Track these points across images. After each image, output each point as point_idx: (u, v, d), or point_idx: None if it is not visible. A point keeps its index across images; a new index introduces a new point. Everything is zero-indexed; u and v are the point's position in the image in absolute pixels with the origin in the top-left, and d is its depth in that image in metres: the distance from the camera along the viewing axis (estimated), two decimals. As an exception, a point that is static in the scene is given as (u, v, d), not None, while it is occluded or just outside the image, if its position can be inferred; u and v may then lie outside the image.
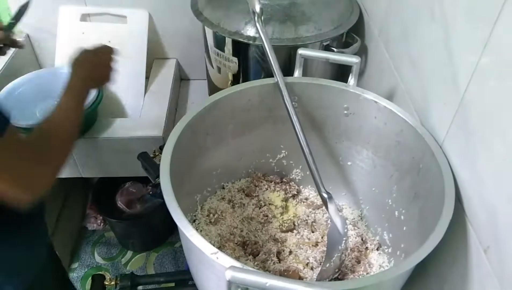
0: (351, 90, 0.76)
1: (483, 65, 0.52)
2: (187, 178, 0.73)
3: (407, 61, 0.77)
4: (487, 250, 0.52)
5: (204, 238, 0.51)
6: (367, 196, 0.84)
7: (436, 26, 0.64)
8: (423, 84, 0.70)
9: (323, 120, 0.82)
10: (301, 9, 0.94)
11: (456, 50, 0.59)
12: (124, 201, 1.56)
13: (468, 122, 0.56)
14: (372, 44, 0.97)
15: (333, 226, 0.70)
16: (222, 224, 0.80)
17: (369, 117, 0.75)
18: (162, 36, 1.41)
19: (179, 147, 0.65)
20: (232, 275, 0.43)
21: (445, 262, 0.62)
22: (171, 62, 1.46)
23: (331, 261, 0.70)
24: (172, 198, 0.56)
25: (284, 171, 0.92)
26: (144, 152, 1.00)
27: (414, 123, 0.68)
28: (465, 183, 0.57)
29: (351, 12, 1.00)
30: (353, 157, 0.83)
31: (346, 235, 0.71)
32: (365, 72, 1.00)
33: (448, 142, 0.62)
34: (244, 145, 0.84)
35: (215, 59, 1.03)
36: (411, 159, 0.69)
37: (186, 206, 0.77)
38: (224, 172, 0.85)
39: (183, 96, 1.47)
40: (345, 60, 0.78)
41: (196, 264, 0.60)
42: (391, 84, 0.83)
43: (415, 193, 0.68)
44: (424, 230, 0.60)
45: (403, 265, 0.50)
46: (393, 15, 0.84)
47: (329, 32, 0.94)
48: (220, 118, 0.76)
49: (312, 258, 0.77)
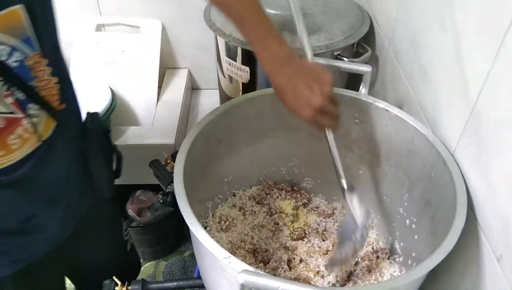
0: (362, 99, 0.76)
1: (494, 74, 0.53)
2: (199, 185, 0.74)
3: (417, 71, 0.77)
4: (500, 259, 0.52)
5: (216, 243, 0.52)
6: (378, 204, 0.84)
7: (447, 36, 0.65)
8: (434, 93, 0.70)
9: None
10: (312, 19, 0.96)
11: (467, 60, 0.59)
12: (134, 209, 1.56)
13: (479, 130, 0.56)
14: (383, 54, 0.97)
15: (350, 215, 0.69)
16: (233, 231, 0.81)
17: (380, 126, 0.76)
18: (174, 46, 1.43)
19: (192, 154, 0.66)
20: (245, 278, 0.44)
21: (457, 270, 0.61)
22: (183, 72, 1.48)
23: (341, 250, 0.68)
24: (185, 203, 0.56)
25: (295, 179, 0.92)
26: (156, 160, 1.01)
27: (425, 132, 0.68)
28: (477, 192, 0.57)
29: (362, 23, 1.01)
30: (364, 166, 0.83)
31: (365, 227, 0.68)
32: (375, 82, 1.01)
33: (460, 151, 0.62)
34: (256, 153, 0.85)
35: (227, 68, 1.05)
36: (423, 167, 0.69)
37: (198, 213, 0.77)
38: (236, 180, 0.86)
39: (195, 106, 1.49)
40: (356, 69, 0.78)
41: (208, 269, 0.61)
42: (401, 93, 0.84)
43: (427, 201, 0.68)
44: (435, 238, 0.60)
45: (415, 272, 0.50)
46: (403, 26, 0.85)
47: (339, 42, 0.95)
48: (232, 126, 0.77)
49: (323, 267, 0.77)
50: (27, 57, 0.52)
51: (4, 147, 0.54)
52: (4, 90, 0.51)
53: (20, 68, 0.51)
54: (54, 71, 0.57)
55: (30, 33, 0.52)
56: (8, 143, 0.54)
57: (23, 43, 0.51)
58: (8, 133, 0.53)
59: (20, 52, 0.51)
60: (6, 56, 0.50)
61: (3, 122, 0.52)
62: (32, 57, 0.53)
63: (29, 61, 0.53)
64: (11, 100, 0.52)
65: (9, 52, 0.50)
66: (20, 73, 0.52)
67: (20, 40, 0.51)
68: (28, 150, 0.57)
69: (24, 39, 0.51)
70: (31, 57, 0.53)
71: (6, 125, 0.53)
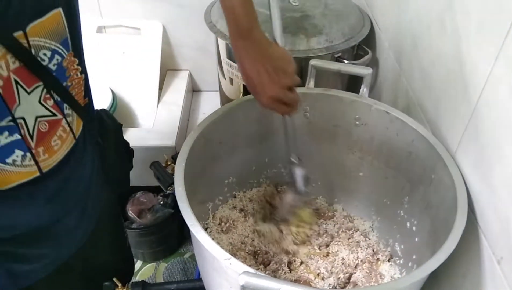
0: (363, 101, 0.76)
1: (495, 76, 0.53)
2: (200, 186, 0.74)
3: (418, 73, 0.77)
4: (500, 261, 0.52)
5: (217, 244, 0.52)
6: (378, 207, 0.84)
7: (448, 38, 0.65)
8: (435, 95, 0.70)
9: (334, 131, 0.82)
10: (313, 21, 0.96)
11: (468, 62, 0.60)
12: (134, 211, 1.56)
13: (480, 132, 0.56)
14: (383, 56, 0.97)
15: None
16: (233, 233, 0.81)
17: (381, 128, 0.76)
18: (175, 48, 1.44)
19: (193, 155, 0.66)
20: (246, 280, 0.44)
21: (458, 273, 0.61)
22: (184, 73, 1.48)
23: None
24: (186, 205, 0.56)
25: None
26: (157, 161, 1.01)
27: (426, 134, 0.68)
28: (478, 194, 0.58)
29: (362, 25, 1.02)
30: (364, 168, 0.83)
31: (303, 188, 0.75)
32: (376, 84, 1.01)
33: (461, 153, 0.62)
34: (256, 154, 0.85)
35: (227, 70, 1.05)
36: (423, 169, 0.69)
37: (198, 215, 0.77)
38: (236, 181, 0.86)
39: (195, 107, 1.49)
40: (356, 71, 0.79)
41: (209, 271, 0.61)
42: (402, 95, 0.84)
43: (427, 204, 0.68)
44: (436, 241, 0.60)
45: (416, 274, 0.50)
46: (403, 28, 0.85)
47: (340, 44, 0.95)
48: (233, 128, 0.77)
49: (323, 269, 0.77)
50: (64, 58, 0.53)
51: (48, 149, 0.54)
52: (45, 94, 0.51)
53: (58, 71, 0.52)
54: (82, 69, 0.58)
55: (67, 33, 0.52)
56: (52, 145, 0.54)
57: (62, 45, 0.51)
58: (51, 135, 0.54)
59: (59, 54, 0.51)
60: (48, 60, 0.50)
61: (46, 126, 0.53)
62: (67, 58, 0.53)
63: (65, 62, 0.53)
64: (52, 103, 0.53)
65: (50, 56, 0.50)
66: (58, 75, 0.52)
67: (59, 42, 0.51)
68: (67, 150, 0.58)
69: (62, 41, 0.51)
70: (67, 58, 0.53)
71: (49, 128, 0.53)
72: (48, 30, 0.48)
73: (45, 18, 0.47)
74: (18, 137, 0.50)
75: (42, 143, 0.53)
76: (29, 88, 0.49)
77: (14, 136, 0.50)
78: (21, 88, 0.48)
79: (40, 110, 0.51)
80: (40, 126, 0.52)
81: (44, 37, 0.48)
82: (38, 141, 0.53)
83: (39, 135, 0.52)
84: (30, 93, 0.49)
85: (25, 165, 0.52)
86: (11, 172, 0.51)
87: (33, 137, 0.52)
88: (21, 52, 0.46)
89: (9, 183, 0.52)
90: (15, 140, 0.50)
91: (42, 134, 0.53)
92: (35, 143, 0.52)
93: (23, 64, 0.47)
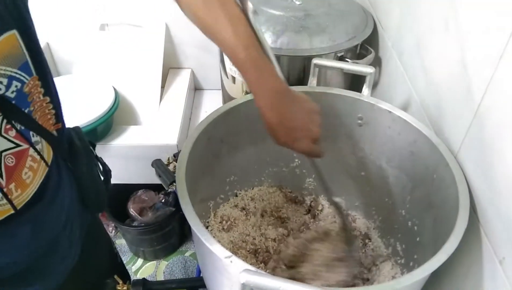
0: (365, 100, 0.76)
1: (498, 76, 0.53)
2: (201, 184, 0.74)
3: (420, 72, 0.77)
4: (502, 261, 0.52)
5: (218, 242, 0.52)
6: (380, 206, 0.84)
7: (451, 38, 0.65)
8: (437, 95, 0.70)
9: (337, 130, 0.82)
10: (316, 20, 0.96)
11: (471, 62, 0.59)
12: (136, 209, 1.56)
13: (483, 132, 0.56)
14: (386, 56, 0.97)
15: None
16: (234, 231, 0.81)
17: (383, 127, 0.76)
18: (178, 46, 1.44)
19: (194, 154, 0.66)
20: (247, 278, 0.44)
21: (459, 273, 0.61)
22: (186, 72, 1.48)
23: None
24: (187, 202, 0.56)
25: (297, 180, 0.92)
26: (158, 159, 1.01)
27: (429, 133, 0.68)
28: (480, 194, 0.57)
29: (366, 25, 1.01)
30: (366, 167, 0.83)
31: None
32: (379, 83, 1.01)
33: (463, 153, 0.62)
34: (258, 153, 0.85)
35: (230, 69, 1.05)
36: (425, 169, 0.69)
37: (199, 213, 0.77)
38: (238, 180, 0.86)
39: (197, 106, 1.49)
40: (359, 70, 0.78)
41: (210, 269, 0.61)
42: (405, 95, 0.84)
43: (429, 203, 0.68)
44: (437, 241, 0.60)
45: (417, 274, 0.50)
46: (406, 28, 0.85)
47: (343, 44, 0.95)
48: (235, 126, 0.77)
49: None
50: (25, 84, 0.47)
51: (20, 184, 0.50)
52: (5, 125, 0.46)
53: (18, 98, 0.47)
54: (46, 91, 0.52)
55: (27, 57, 0.47)
56: (23, 179, 0.50)
57: (21, 70, 0.46)
58: (20, 168, 0.49)
59: (18, 80, 0.46)
60: (4, 89, 0.44)
61: (12, 159, 0.48)
62: (29, 83, 0.48)
63: (26, 88, 0.48)
64: (14, 133, 0.48)
65: (7, 83, 0.45)
66: (18, 102, 0.47)
67: (18, 67, 0.46)
68: (40, 179, 0.53)
69: (21, 66, 0.46)
70: (28, 83, 0.48)
71: (16, 161, 0.49)
72: (2, 56, 0.43)
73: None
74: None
75: (13, 179, 0.49)
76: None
77: None
78: None
79: (3, 143, 0.46)
80: (6, 161, 0.47)
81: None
82: (8, 178, 0.48)
83: (7, 171, 0.48)
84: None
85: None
86: None
87: (1, 174, 0.47)
88: None
89: None
90: None
91: (10, 169, 0.48)
92: (5, 180, 0.48)
93: None
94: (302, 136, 0.60)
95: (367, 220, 0.87)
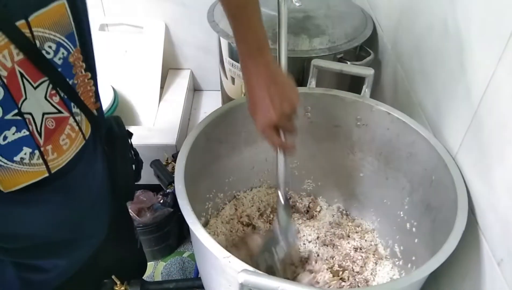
0: (364, 101, 0.76)
1: (497, 78, 0.53)
2: (200, 185, 0.74)
3: (419, 74, 0.77)
4: (500, 263, 0.52)
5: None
6: (378, 208, 0.84)
7: (449, 40, 0.65)
8: (436, 97, 0.70)
9: (335, 131, 0.82)
10: (315, 22, 0.96)
11: (470, 64, 0.60)
12: (134, 209, 1.56)
13: (482, 134, 0.56)
14: (385, 58, 0.97)
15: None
16: (233, 232, 0.81)
17: (382, 129, 0.76)
18: (177, 47, 1.44)
19: (193, 154, 0.66)
20: (245, 278, 0.43)
21: (457, 274, 0.61)
22: (186, 72, 1.48)
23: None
24: (186, 202, 0.56)
25: (296, 181, 0.92)
26: (157, 160, 1.01)
27: (427, 135, 0.68)
28: (478, 195, 0.57)
29: (365, 26, 1.02)
30: (365, 169, 0.83)
31: (287, 240, 0.70)
32: (378, 85, 1.01)
33: (462, 154, 0.62)
34: (256, 153, 0.85)
35: (229, 70, 1.05)
36: (424, 170, 0.69)
37: (198, 213, 0.77)
38: (236, 180, 0.86)
39: (196, 106, 1.49)
40: (358, 72, 0.79)
41: (208, 269, 0.61)
42: (403, 96, 0.84)
43: (427, 205, 0.68)
44: (436, 242, 0.60)
45: (415, 275, 0.50)
46: (406, 30, 0.85)
47: (342, 45, 0.95)
48: (234, 127, 0.77)
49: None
50: (70, 54, 0.50)
51: (56, 148, 0.52)
52: (50, 90, 0.49)
53: (63, 66, 0.50)
54: (87, 66, 0.56)
55: (73, 28, 0.50)
56: (60, 144, 0.53)
57: (67, 39, 0.49)
58: (59, 133, 0.52)
59: (64, 48, 0.49)
60: (53, 53, 0.47)
61: (53, 123, 0.51)
62: (73, 54, 0.51)
63: (71, 58, 0.51)
64: (57, 100, 0.51)
65: (55, 49, 0.48)
66: (64, 71, 0.50)
67: (65, 36, 0.49)
68: (76, 150, 0.55)
69: (67, 35, 0.49)
70: (73, 54, 0.51)
71: (56, 125, 0.51)
72: (52, 21, 0.46)
73: (48, 8, 0.46)
74: (27, 133, 0.49)
75: (50, 141, 0.52)
76: (35, 83, 0.48)
77: (22, 132, 0.48)
78: (27, 82, 0.47)
79: (46, 106, 0.50)
80: (47, 123, 0.50)
81: (48, 28, 0.46)
82: (46, 139, 0.51)
83: (46, 133, 0.51)
84: (36, 88, 0.48)
85: (33, 164, 0.51)
86: (18, 171, 0.50)
87: (41, 134, 0.50)
88: (24, 42, 0.44)
89: (16, 184, 0.51)
90: (23, 136, 0.48)
91: (50, 132, 0.51)
92: (43, 140, 0.51)
93: (27, 57, 0.45)
94: (261, 115, 0.62)
95: (366, 221, 0.87)
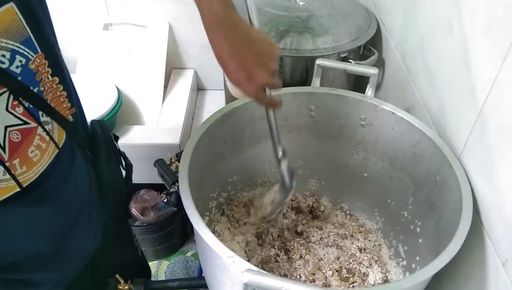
0: (368, 101, 0.76)
1: (502, 78, 0.53)
2: (203, 184, 0.74)
3: (424, 74, 0.77)
4: (505, 264, 0.51)
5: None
6: (382, 207, 0.84)
7: (454, 40, 0.65)
8: (441, 96, 0.70)
9: (339, 131, 0.82)
10: (319, 21, 0.96)
11: (475, 64, 0.59)
12: (138, 209, 1.56)
13: (487, 134, 0.56)
14: (389, 57, 0.97)
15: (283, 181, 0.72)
16: (237, 231, 0.81)
17: (386, 128, 0.76)
18: (181, 46, 1.44)
19: (197, 153, 0.66)
20: (249, 278, 0.43)
21: (462, 275, 0.61)
22: (189, 72, 1.49)
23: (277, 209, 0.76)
24: (190, 202, 0.56)
25: (300, 180, 0.92)
26: (161, 159, 1.01)
27: (432, 135, 0.68)
28: (483, 196, 0.57)
29: (369, 26, 1.01)
30: (369, 168, 0.83)
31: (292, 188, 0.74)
32: (382, 84, 1.01)
33: (466, 154, 0.62)
34: (260, 153, 0.85)
35: (233, 69, 1.05)
36: (428, 170, 0.69)
37: (202, 213, 0.77)
38: (240, 180, 0.86)
39: (200, 106, 1.49)
40: (362, 71, 0.78)
41: (212, 268, 0.61)
42: (408, 96, 0.83)
43: (432, 205, 0.68)
44: (440, 242, 0.60)
45: (419, 275, 0.50)
46: (410, 29, 0.84)
47: (346, 44, 0.95)
48: (237, 126, 0.77)
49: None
50: (29, 61, 0.48)
51: (25, 161, 0.50)
52: (11, 101, 0.46)
53: (24, 74, 0.47)
54: (54, 71, 0.53)
55: (29, 32, 0.47)
56: (29, 156, 0.51)
57: (24, 45, 0.46)
58: (27, 145, 0.50)
59: (21, 55, 0.46)
60: (8, 62, 0.45)
61: (18, 135, 0.48)
62: (34, 60, 0.48)
63: (32, 65, 0.48)
64: (21, 110, 0.48)
65: (10, 57, 0.45)
66: (25, 79, 0.47)
67: (20, 42, 0.46)
68: (49, 160, 0.53)
69: (23, 41, 0.46)
70: (34, 60, 0.48)
71: (22, 138, 0.49)
72: (1, 29, 0.43)
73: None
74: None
75: (17, 155, 0.49)
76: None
77: None
78: None
79: (8, 118, 0.47)
80: (11, 136, 0.48)
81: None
82: (12, 153, 0.49)
83: (11, 146, 0.48)
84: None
85: (0, 180, 0.48)
86: None
87: (4, 148, 0.47)
88: None
89: None
90: None
91: (15, 145, 0.48)
92: (8, 155, 0.48)
93: None
94: (248, 78, 0.56)
95: (370, 221, 0.87)
